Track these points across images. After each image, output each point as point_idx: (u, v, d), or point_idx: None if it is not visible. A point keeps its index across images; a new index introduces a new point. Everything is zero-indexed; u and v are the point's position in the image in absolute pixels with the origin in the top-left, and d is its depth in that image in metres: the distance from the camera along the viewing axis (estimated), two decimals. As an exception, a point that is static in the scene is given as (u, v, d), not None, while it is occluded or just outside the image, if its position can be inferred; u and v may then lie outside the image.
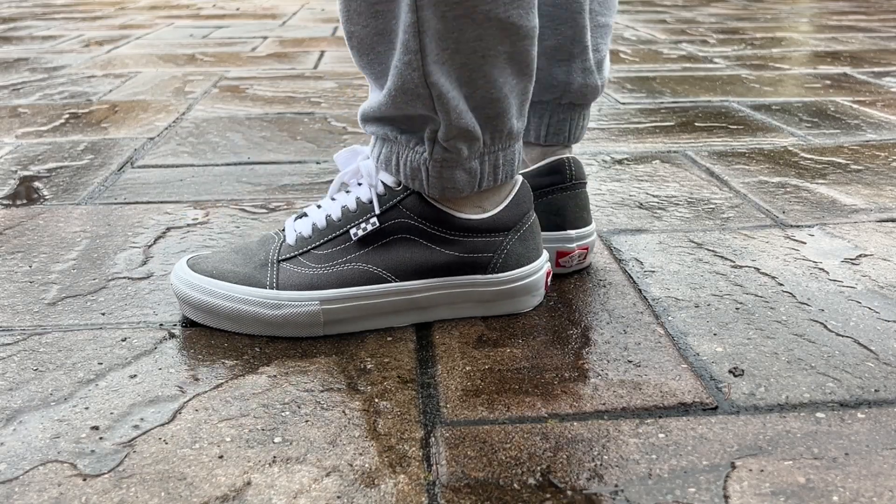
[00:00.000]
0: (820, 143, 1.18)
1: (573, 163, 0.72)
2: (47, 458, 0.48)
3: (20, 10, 3.28)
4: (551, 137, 0.72)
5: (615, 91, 1.57)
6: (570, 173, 0.71)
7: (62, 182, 1.02)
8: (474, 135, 0.59)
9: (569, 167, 0.71)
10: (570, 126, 0.72)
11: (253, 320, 0.62)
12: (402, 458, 0.48)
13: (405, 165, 0.61)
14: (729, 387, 0.55)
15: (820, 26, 2.60)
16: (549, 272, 0.67)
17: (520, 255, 0.65)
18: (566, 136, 0.72)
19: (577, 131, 0.73)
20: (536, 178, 0.72)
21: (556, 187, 0.71)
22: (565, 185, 0.71)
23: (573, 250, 0.72)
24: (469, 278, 0.64)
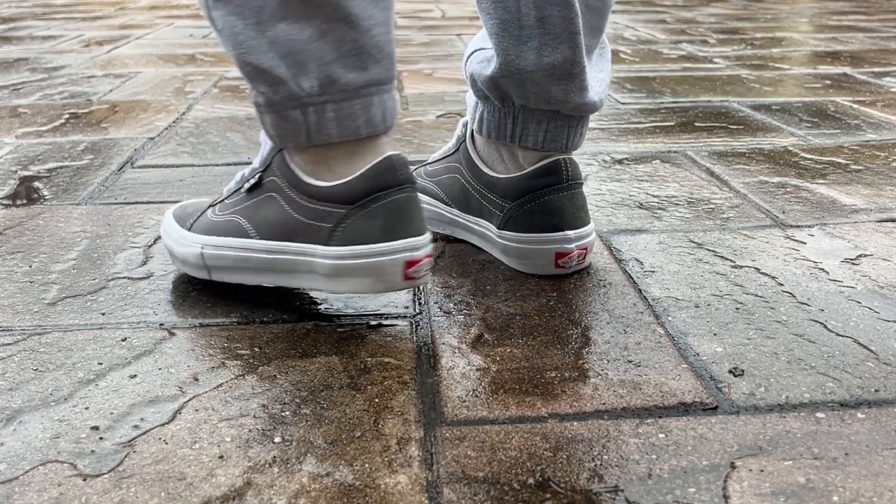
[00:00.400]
0: (820, 143, 1.18)
1: (569, 163, 0.71)
2: (47, 458, 0.48)
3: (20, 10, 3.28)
4: (548, 144, 0.72)
5: (615, 91, 1.57)
6: (567, 174, 0.71)
7: (62, 182, 1.02)
8: (275, 77, 0.59)
9: (565, 168, 0.71)
10: (567, 134, 0.72)
11: (171, 255, 0.72)
12: (403, 458, 0.48)
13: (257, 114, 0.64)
14: (729, 387, 0.55)
15: (820, 26, 2.60)
16: (414, 261, 0.61)
17: (360, 232, 0.60)
18: (564, 144, 0.73)
19: (575, 139, 0.73)
20: (532, 179, 0.72)
21: (553, 188, 0.71)
22: (562, 186, 0.71)
23: (572, 251, 0.71)
24: (309, 247, 0.63)
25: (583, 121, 0.73)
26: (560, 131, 0.72)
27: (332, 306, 0.68)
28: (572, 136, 0.73)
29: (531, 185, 0.72)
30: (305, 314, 0.67)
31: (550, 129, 0.72)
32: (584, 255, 0.73)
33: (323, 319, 0.66)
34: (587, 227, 0.73)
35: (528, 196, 0.72)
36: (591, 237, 0.73)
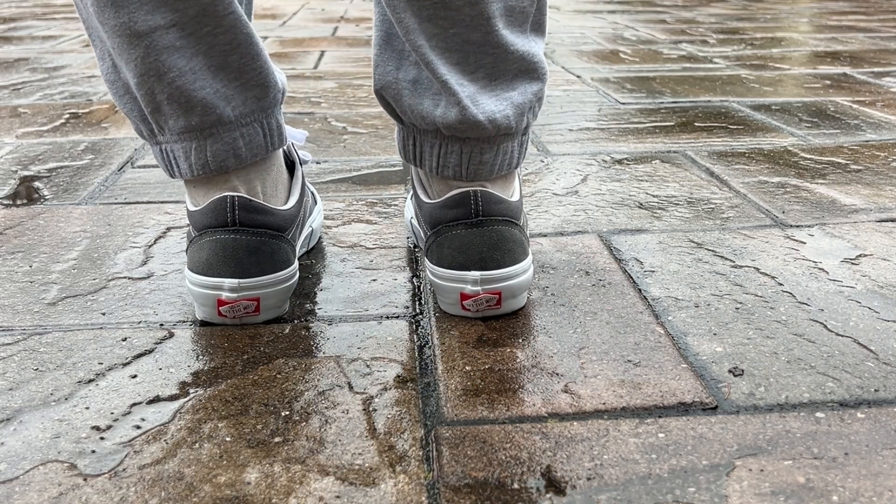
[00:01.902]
0: (820, 143, 1.18)
1: (479, 197, 0.64)
2: (47, 458, 0.48)
3: (20, 10, 3.28)
4: (443, 170, 0.66)
5: (615, 91, 1.57)
6: (475, 209, 0.64)
7: (62, 182, 1.02)
8: (130, 118, 0.66)
9: (473, 201, 0.64)
10: (462, 161, 0.65)
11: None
12: (402, 458, 0.48)
13: None
14: (729, 386, 0.55)
15: (820, 26, 2.60)
16: (224, 302, 0.63)
17: (192, 261, 0.64)
18: (460, 172, 0.66)
19: (471, 167, 0.65)
20: (441, 209, 0.66)
21: (461, 222, 0.65)
22: (470, 222, 0.64)
23: (478, 293, 0.64)
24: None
25: (478, 146, 0.65)
26: (451, 156, 0.65)
27: (332, 306, 0.68)
28: (466, 162, 0.65)
29: (440, 217, 0.66)
30: (306, 314, 0.67)
31: (443, 154, 0.66)
32: (497, 300, 0.64)
33: (323, 319, 0.66)
34: (504, 269, 0.64)
35: (440, 227, 0.66)
36: (510, 282, 0.64)
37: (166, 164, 0.66)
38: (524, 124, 0.66)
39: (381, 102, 0.68)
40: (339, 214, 0.90)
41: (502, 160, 0.66)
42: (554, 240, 0.82)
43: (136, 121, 0.66)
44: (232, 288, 0.63)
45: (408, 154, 0.69)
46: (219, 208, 0.63)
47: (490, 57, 0.63)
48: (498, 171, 0.66)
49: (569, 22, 2.78)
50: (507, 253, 0.64)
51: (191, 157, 0.64)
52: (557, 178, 1.02)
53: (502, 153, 0.66)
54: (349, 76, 1.75)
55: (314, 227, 0.80)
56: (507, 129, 0.64)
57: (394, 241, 0.82)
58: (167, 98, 0.62)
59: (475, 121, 0.63)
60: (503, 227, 0.65)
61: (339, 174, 1.06)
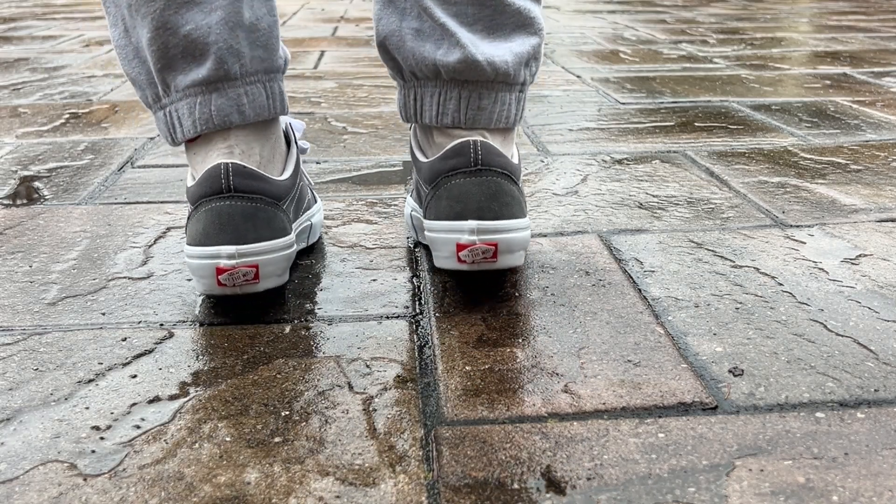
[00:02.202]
0: (820, 143, 1.18)
1: (480, 146, 0.65)
2: (47, 458, 0.48)
3: (20, 10, 3.28)
4: (442, 118, 0.68)
5: (615, 91, 1.57)
6: (475, 157, 0.65)
7: (62, 182, 1.02)
8: (137, 84, 0.68)
9: (473, 150, 0.65)
10: (461, 106, 0.67)
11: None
12: (402, 458, 0.48)
13: None
14: (729, 386, 0.55)
15: (820, 26, 2.60)
16: (223, 269, 0.62)
17: (190, 234, 0.65)
18: (457, 116, 0.67)
19: (470, 112, 0.67)
20: (441, 161, 0.67)
21: (459, 171, 0.65)
22: (469, 170, 0.65)
23: (473, 243, 0.63)
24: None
25: (476, 90, 0.67)
26: (450, 102, 0.67)
27: (332, 306, 0.68)
28: (465, 108, 0.67)
29: (440, 168, 0.66)
30: (306, 314, 0.67)
31: (442, 101, 0.68)
32: (493, 252, 0.64)
33: (323, 319, 0.66)
34: (502, 221, 0.64)
35: (439, 180, 0.66)
36: (507, 235, 0.64)
37: (169, 129, 0.68)
38: (521, 77, 0.69)
39: (384, 55, 0.70)
40: (339, 214, 0.90)
41: (500, 111, 0.68)
42: (554, 240, 0.82)
43: (143, 86, 0.67)
44: (230, 255, 0.62)
45: (408, 111, 0.71)
46: (213, 176, 0.64)
47: (488, 9, 0.67)
48: (496, 121, 0.69)
49: (569, 22, 2.78)
50: (506, 206, 0.64)
51: (195, 113, 0.66)
52: (557, 178, 1.02)
53: (500, 102, 0.68)
54: (349, 76, 1.75)
55: (313, 221, 0.80)
56: (504, 74, 0.67)
57: (394, 241, 0.82)
58: (182, 52, 0.64)
59: (474, 61, 0.66)
60: (502, 180, 0.65)
61: (339, 174, 1.06)
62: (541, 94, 1.55)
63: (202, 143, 0.67)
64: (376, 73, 1.79)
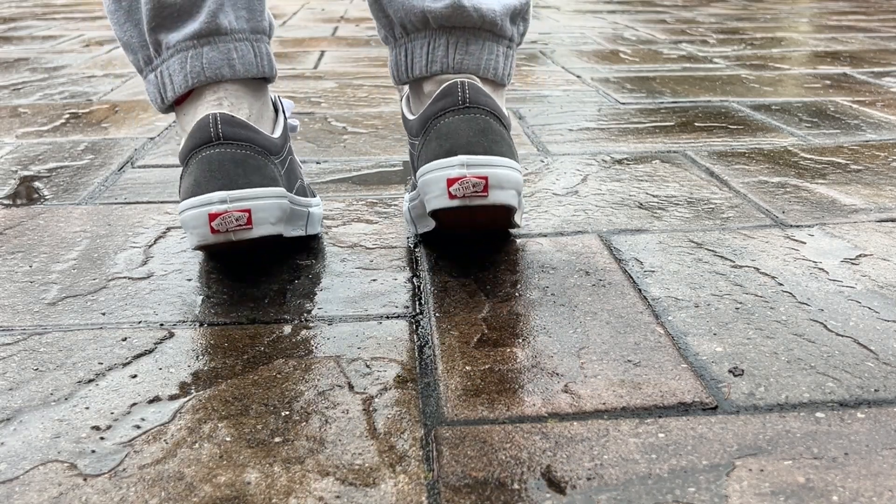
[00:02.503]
0: (820, 143, 1.18)
1: (467, 86, 0.66)
2: (47, 458, 0.48)
3: (20, 10, 3.28)
4: (432, 66, 0.69)
5: (615, 91, 1.57)
6: (462, 96, 0.66)
7: (62, 182, 1.02)
8: (129, 48, 0.70)
9: (461, 89, 0.66)
10: (448, 52, 0.69)
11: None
12: (402, 458, 0.48)
13: None
14: (729, 386, 0.55)
15: (820, 26, 2.60)
16: (216, 214, 0.63)
17: (183, 189, 0.65)
18: (447, 64, 0.69)
19: (458, 56, 0.69)
20: (430, 107, 0.68)
21: (448, 111, 0.66)
22: (457, 108, 0.66)
23: (463, 175, 0.64)
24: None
25: (463, 35, 0.69)
26: (438, 49, 0.69)
27: (332, 306, 0.68)
28: (452, 52, 0.69)
29: (429, 113, 0.67)
30: (306, 314, 0.67)
31: (431, 50, 0.69)
32: (483, 186, 0.64)
33: (323, 319, 0.66)
34: (491, 156, 0.65)
35: (427, 125, 0.67)
36: (497, 169, 0.64)
37: (160, 90, 0.69)
38: (509, 32, 0.70)
39: (376, 11, 0.73)
40: (339, 214, 0.90)
41: (487, 58, 0.70)
42: (554, 240, 0.82)
43: (135, 48, 0.70)
44: (221, 199, 0.63)
45: (399, 69, 0.72)
46: (202, 126, 0.65)
47: None
48: (484, 69, 0.70)
49: (569, 22, 2.78)
50: (495, 143, 0.65)
51: (186, 67, 0.68)
52: (557, 178, 1.02)
53: (487, 50, 0.70)
54: (349, 76, 1.75)
55: (312, 210, 0.80)
56: (491, 22, 0.68)
57: (394, 241, 0.82)
58: (177, 10, 0.67)
59: (460, 5, 0.68)
60: (490, 119, 0.66)
61: (339, 174, 1.06)
62: (541, 94, 1.55)
63: (192, 101, 0.69)
64: (376, 73, 1.79)
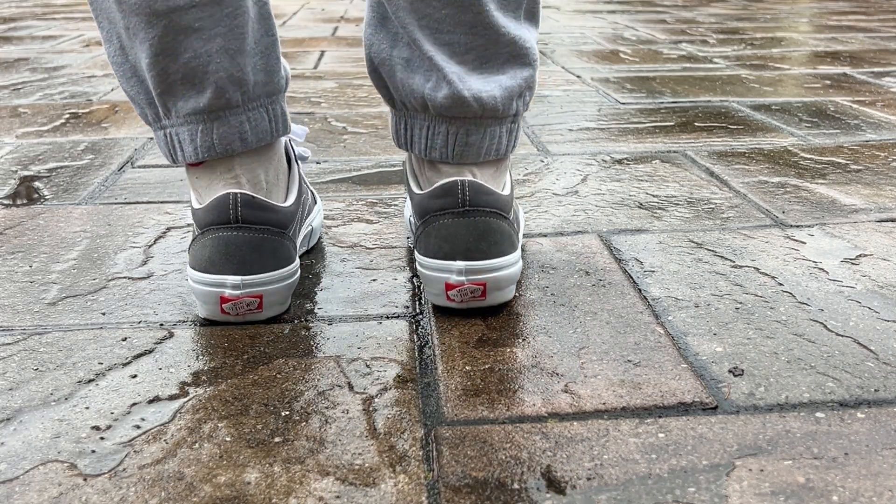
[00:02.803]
0: (820, 143, 1.19)
1: (468, 186, 0.64)
2: (47, 458, 0.48)
3: (20, 10, 3.28)
4: (430, 151, 0.68)
5: (615, 91, 1.57)
6: (463, 198, 0.64)
7: (62, 182, 1.02)
8: (136, 102, 0.66)
9: (461, 191, 0.64)
10: (448, 141, 0.67)
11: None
12: (402, 458, 0.48)
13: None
14: (729, 386, 0.55)
15: (820, 26, 2.60)
16: (227, 299, 0.63)
17: (195, 258, 0.64)
18: (445, 151, 0.67)
19: (458, 148, 0.67)
20: (431, 199, 0.66)
21: (448, 211, 0.65)
22: (457, 211, 0.64)
23: (462, 283, 0.64)
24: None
25: (464, 126, 0.66)
26: (438, 137, 0.67)
27: (332, 306, 0.68)
28: (452, 143, 0.66)
29: (428, 206, 0.66)
30: (306, 314, 0.67)
31: (430, 135, 0.67)
32: (482, 291, 0.64)
33: (323, 319, 0.66)
34: (489, 261, 0.64)
35: (428, 218, 0.66)
36: (495, 274, 0.64)
37: (170, 150, 0.67)
38: (513, 109, 0.68)
39: (375, 81, 0.70)
40: (339, 214, 0.90)
41: (489, 144, 0.67)
42: (554, 240, 0.82)
43: (142, 105, 0.66)
44: (235, 285, 0.63)
45: (399, 138, 0.70)
46: (221, 205, 0.63)
47: (481, 39, 0.65)
48: (485, 154, 0.68)
49: (569, 22, 2.78)
50: (494, 245, 0.65)
51: (196, 140, 0.65)
52: (557, 178, 1.02)
53: (489, 136, 0.67)
54: (349, 76, 1.75)
55: (314, 225, 0.80)
56: (493, 110, 0.66)
57: (394, 241, 0.82)
58: (181, 79, 0.63)
59: (460, 97, 0.64)
60: (491, 219, 0.65)
61: (339, 174, 1.06)
62: (541, 94, 1.55)
63: (206, 170, 0.67)
64: (376, 73, 1.79)
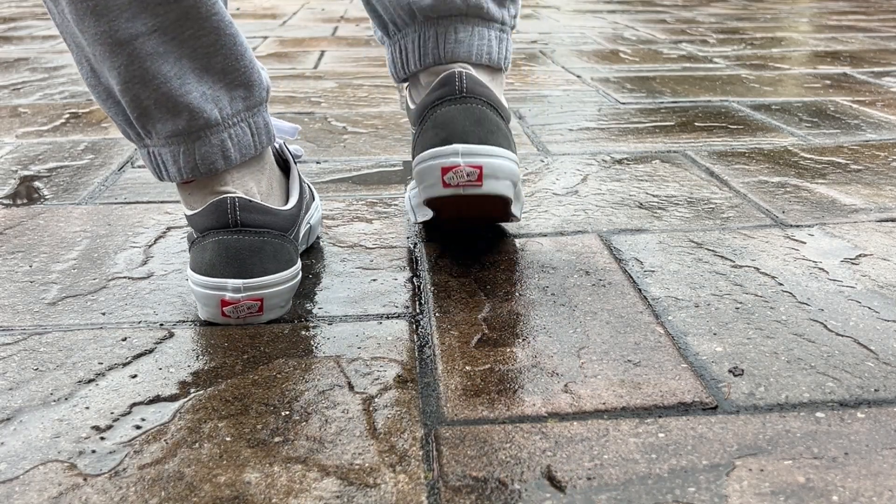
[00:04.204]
0: (820, 143, 1.19)
1: (465, 76, 0.66)
2: (47, 458, 0.48)
3: (20, 10, 3.28)
4: (426, 57, 0.69)
5: (615, 91, 1.57)
6: (459, 85, 0.66)
7: (62, 182, 1.02)
8: (116, 122, 0.66)
9: (458, 79, 0.66)
10: (438, 42, 0.68)
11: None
12: (402, 458, 0.48)
13: None
14: (729, 386, 0.55)
15: (820, 26, 2.60)
16: (227, 302, 0.63)
17: (195, 262, 0.64)
18: (437, 52, 0.69)
19: (448, 45, 0.68)
20: (428, 96, 0.68)
21: (445, 100, 0.66)
22: (454, 97, 0.65)
23: (458, 164, 0.64)
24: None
25: (451, 24, 0.68)
26: (429, 41, 0.68)
27: (332, 306, 0.68)
28: (442, 42, 0.68)
29: (426, 102, 0.67)
30: (306, 314, 0.67)
31: (422, 43, 0.69)
32: (478, 175, 0.64)
33: (323, 319, 0.66)
34: (486, 146, 0.65)
35: (424, 114, 0.67)
36: (492, 159, 0.64)
37: (154, 167, 0.66)
38: (498, 15, 0.69)
39: (369, 9, 0.72)
40: (339, 214, 0.90)
41: (479, 44, 0.68)
42: (554, 240, 0.82)
43: (122, 124, 0.65)
44: (235, 288, 0.62)
45: (397, 66, 0.72)
46: (220, 209, 0.63)
47: None
48: (476, 54, 0.69)
49: (569, 22, 2.78)
50: (491, 133, 0.64)
51: (179, 161, 0.64)
52: (557, 177, 1.02)
53: (477, 35, 0.68)
54: (349, 76, 1.75)
55: (312, 223, 0.80)
56: (476, 7, 0.67)
57: (394, 241, 0.82)
58: (154, 103, 0.62)
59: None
60: (488, 108, 0.65)
61: (339, 174, 1.06)
62: (541, 94, 1.55)
63: (197, 187, 0.66)
64: (376, 73, 1.79)
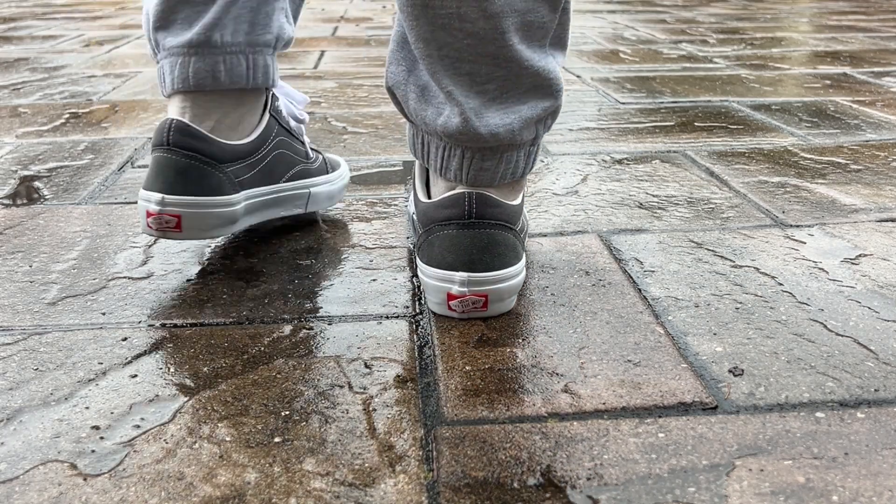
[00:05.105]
0: (820, 143, 1.19)
1: (474, 199, 0.64)
2: (47, 458, 0.48)
3: (20, 10, 3.28)
4: (446, 172, 0.67)
5: (615, 91, 1.57)
6: (468, 210, 0.64)
7: (62, 182, 1.02)
8: (147, 38, 0.76)
9: (468, 203, 0.64)
10: (462, 165, 0.66)
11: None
12: (402, 458, 0.48)
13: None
14: (729, 386, 0.55)
15: (820, 26, 2.60)
16: (150, 213, 0.71)
17: (144, 180, 0.74)
18: (459, 174, 0.66)
19: (472, 172, 0.66)
20: (436, 209, 0.66)
21: (453, 222, 0.65)
22: (462, 223, 0.64)
23: (464, 294, 0.64)
24: None
25: (479, 153, 0.65)
26: (453, 160, 0.66)
27: (332, 306, 0.68)
28: (466, 167, 0.65)
29: (434, 216, 0.66)
30: (306, 314, 0.67)
31: (446, 157, 0.66)
32: (483, 303, 0.64)
33: (323, 319, 0.66)
34: (492, 273, 0.64)
35: (432, 227, 0.66)
36: (497, 286, 0.64)
37: (161, 82, 0.75)
38: (531, 136, 0.66)
39: (392, 99, 0.70)
40: (339, 214, 0.90)
41: (505, 169, 0.66)
42: (554, 240, 0.82)
43: (148, 40, 0.76)
44: (157, 201, 0.70)
45: (416, 151, 0.70)
46: (159, 129, 0.71)
47: (502, 70, 0.63)
48: (500, 179, 0.66)
49: (569, 22, 2.78)
50: (497, 257, 0.64)
51: (175, 71, 0.73)
52: (557, 177, 1.02)
53: (505, 162, 0.66)
54: (349, 76, 1.75)
55: (312, 191, 0.81)
56: (510, 141, 0.65)
57: (394, 241, 0.82)
58: (182, 17, 0.73)
59: (476, 133, 0.63)
60: (496, 231, 0.65)
61: (339, 174, 1.05)
62: (541, 94, 1.55)
63: (170, 102, 0.75)
64: (376, 73, 1.79)
